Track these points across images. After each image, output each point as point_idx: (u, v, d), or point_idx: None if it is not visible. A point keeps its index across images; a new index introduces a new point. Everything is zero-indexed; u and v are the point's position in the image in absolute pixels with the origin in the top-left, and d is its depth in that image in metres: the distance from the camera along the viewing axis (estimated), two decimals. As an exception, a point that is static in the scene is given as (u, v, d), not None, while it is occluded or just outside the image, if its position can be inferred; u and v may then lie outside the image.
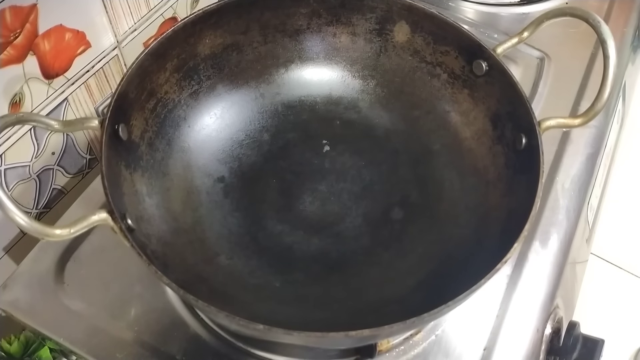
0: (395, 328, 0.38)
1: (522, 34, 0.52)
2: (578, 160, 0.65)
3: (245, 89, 0.59)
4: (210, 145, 0.56)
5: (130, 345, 0.50)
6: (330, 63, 0.61)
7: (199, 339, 0.51)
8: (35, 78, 0.54)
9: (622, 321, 1.09)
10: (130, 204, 0.46)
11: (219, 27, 0.55)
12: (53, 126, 0.43)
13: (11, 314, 0.52)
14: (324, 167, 0.57)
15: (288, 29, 0.59)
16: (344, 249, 0.53)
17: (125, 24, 0.61)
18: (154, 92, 0.52)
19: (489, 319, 0.53)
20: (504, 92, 0.51)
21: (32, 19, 0.51)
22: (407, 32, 0.57)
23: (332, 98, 0.61)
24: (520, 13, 0.78)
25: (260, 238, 0.53)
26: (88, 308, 0.52)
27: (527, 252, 0.57)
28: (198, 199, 0.54)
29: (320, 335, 0.38)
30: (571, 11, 0.48)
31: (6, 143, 0.54)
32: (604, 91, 0.47)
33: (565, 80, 0.70)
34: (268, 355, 0.51)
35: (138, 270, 0.54)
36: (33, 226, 0.37)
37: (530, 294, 0.55)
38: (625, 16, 0.79)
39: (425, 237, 0.53)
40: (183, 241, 0.50)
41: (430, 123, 0.58)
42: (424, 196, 0.55)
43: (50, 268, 0.54)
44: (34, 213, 0.61)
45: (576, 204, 0.62)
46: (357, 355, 0.51)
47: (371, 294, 0.50)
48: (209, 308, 0.38)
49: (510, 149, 0.51)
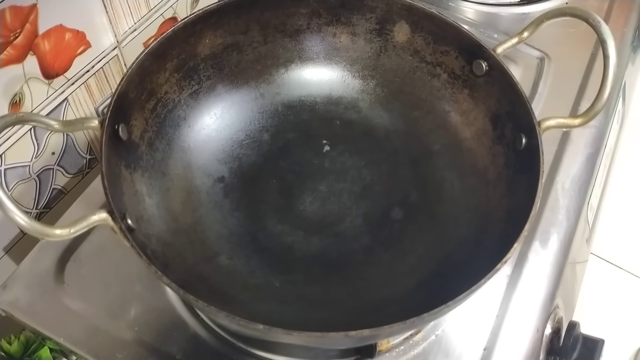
0: (395, 328, 0.38)
1: (522, 34, 0.52)
2: (578, 160, 0.65)
3: (245, 89, 0.59)
4: (210, 145, 0.56)
5: (130, 345, 0.50)
6: (330, 63, 0.61)
7: (198, 339, 0.51)
8: (35, 78, 0.54)
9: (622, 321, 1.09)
10: (130, 204, 0.46)
11: (219, 27, 0.55)
12: (53, 126, 0.43)
13: (11, 314, 0.52)
14: (324, 167, 0.57)
15: (288, 29, 0.59)
16: (344, 249, 0.53)
17: (125, 24, 0.61)
18: (154, 92, 0.52)
19: (489, 319, 0.53)
20: (504, 92, 0.51)
21: (32, 19, 0.51)
22: (407, 32, 0.57)
23: (332, 98, 0.61)
24: (520, 13, 0.78)
25: (260, 238, 0.53)
26: (88, 308, 0.52)
27: (527, 252, 0.57)
28: (198, 199, 0.54)
29: (320, 336, 0.38)
30: (571, 11, 0.48)
31: (6, 143, 0.54)
32: (603, 91, 0.47)
33: (565, 80, 0.70)
34: (268, 355, 0.51)
35: (138, 270, 0.54)
36: (33, 226, 0.37)
37: (530, 294, 0.55)
38: (625, 16, 0.79)
39: (425, 237, 0.53)
40: (183, 241, 0.50)
41: (430, 123, 0.58)
42: (424, 196, 0.55)
43: (50, 268, 0.54)
44: (34, 213, 0.61)
45: (576, 204, 0.62)
46: (357, 355, 0.51)
47: (371, 294, 0.50)
48: (209, 308, 0.38)
49: (510, 149, 0.51)
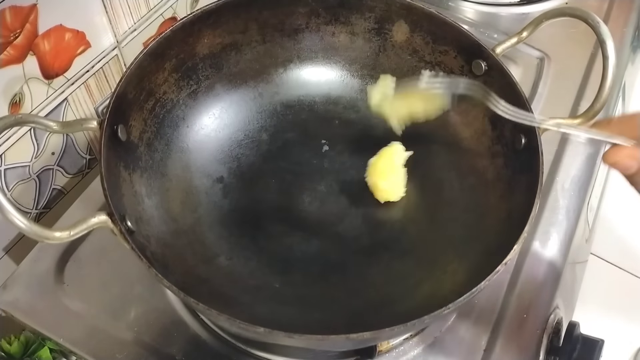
0: (396, 330, 0.38)
1: (521, 34, 0.52)
2: (578, 160, 0.64)
3: (243, 88, 0.59)
4: (209, 145, 0.56)
5: (130, 346, 0.51)
6: (329, 62, 0.61)
7: (198, 340, 0.51)
8: (35, 78, 0.54)
9: (622, 321, 1.09)
10: (129, 205, 0.46)
11: (218, 27, 0.55)
12: (52, 127, 0.43)
13: (11, 314, 0.52)
14: (323, 167, 0.57)
15: (286, 29, 0.59)
16: (344, 250, 0.53)
17: (125, 24, 0.61)
18: (153, 93, 0.52)
19: (489, 319, 0.53)
20: (503, 91, 0.51)
21: (32, 19, 0.51)
22: (406, 32, 0.57)
23: (331, 98, 0.61)
24: (520, 13, 0.78)
25: (259, 238, 0.53)
26: (88, 308, 0.52)
27: (527, 252, 0.57)
28: (197, 200, 0.54)
29: (321, 338, 0.38)
30: (570, 11, 0.48)
31: (6, 143, 0.54)
32: (603, 91, 0.47)
33: (565, 80, 0.70)
34: (268, 356, 0.51)
35: (138, 271, 0.54)
36: (32, 229, 0.37)
37: (530, 294, 0.55)
38: (625, 16, 0.79)
39: (424, 238, 0.53)
40: (182, 242, 0.50)
41: (429, 123, 0.58)
42: (424, 196, 0.55)
43: (50, 268, 0.54)
44: (34, 213, 0.61)
45: (576, 204, 0.62)
46: (357, 356, 0.51)
47: (371, 295, 0.50)
48: (210, 311, 0.38)
49: (510, 149, 0.51)
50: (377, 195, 0.54)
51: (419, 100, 0.51)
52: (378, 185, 0.53)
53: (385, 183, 0.53)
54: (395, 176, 0.54)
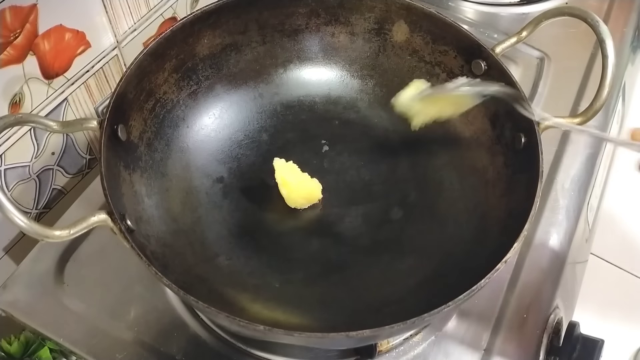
0: (396, 328, 0.38)
1: (521, 34, 0.52)
2: (578, 160, 0.64)
3: (243, 89, 0.59)
4: (209, 145, 0.56)
5: (130, 346, 0.51)
6: (328, 63, 0.61)
7: (198, 339, 0.51)
8: (35, 78, 0.54)
9: (622, 321, 1.09)
10: (129, 205, 0.46)
11: (218, 27, 0.55)
12: (52, 127, 0.43)
13: (11, 314, 0.52)
14: (323, 167, 0.57)
15: (286, 29, 0.59)
16: (344, 249, 0.53)
17: (125, 24, 0.61)
18: (153, 93, 0.52)
19: (489, 319, 0.53)
20: (503, 91, 0.51)
21: (32, 19, 0.51)
22: (406, 32, 0.57)
23: (330, 98, 0.61)
24: (520, 13, 0.78)
25: (259, 238, 0.53)
26: (88, 308, 0.52)
27: (527, 252, 0.57)
28: (197, 200, 0.54)
29: (321, 336, 0.38)
30: (570, 11, 0.48)
31: (6, 143, 0.54)
32: (602, 90, 0.47)
33: (565, 80, 0.70)
34: (267, 356, 0.51)
35: (138, 271, 0.54)
36: (32, 227, 0.37)
37: (530, 294, 0.55)
38: (624, 16, 0.79)
39: (424, 237, 0.53)
40: (182, 242, 0.50)
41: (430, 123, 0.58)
42: (424, 196, 0.55)
43: (50, 268, 0.54)
44: (34, 213, 0.61)
45: (576, 204, 0.62)
46: (357, 356, 0.51)
47: (371, 294, 0.50)
48: (210, 309, 0.38)
49: (510, 148, 0.51)
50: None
51: (446, 103, 0.51)
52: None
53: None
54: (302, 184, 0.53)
